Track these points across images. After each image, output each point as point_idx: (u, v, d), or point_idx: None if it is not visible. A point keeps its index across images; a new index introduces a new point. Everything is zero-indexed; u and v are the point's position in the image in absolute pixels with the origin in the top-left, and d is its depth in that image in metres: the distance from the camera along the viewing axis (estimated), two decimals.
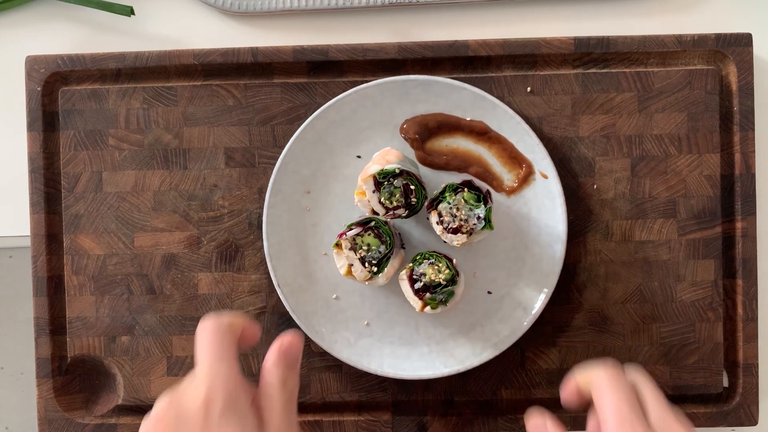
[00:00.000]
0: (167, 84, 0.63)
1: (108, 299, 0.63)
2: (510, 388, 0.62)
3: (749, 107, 0.61)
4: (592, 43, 0.61)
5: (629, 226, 0.62)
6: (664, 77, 0.61)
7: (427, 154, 0.61)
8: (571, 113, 0.62)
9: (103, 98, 0.63)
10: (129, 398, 0.63)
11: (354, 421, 0.62)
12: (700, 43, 0.61)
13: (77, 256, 0.63)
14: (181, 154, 0.63)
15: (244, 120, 0.62)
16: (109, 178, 0.63)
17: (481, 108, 0.60)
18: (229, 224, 0.63)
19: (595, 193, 0.62)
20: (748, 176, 0.61)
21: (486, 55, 0.61)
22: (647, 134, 0.61)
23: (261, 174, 0.62)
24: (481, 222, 0.56)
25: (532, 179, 0.60)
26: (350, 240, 0.57)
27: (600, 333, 0.62)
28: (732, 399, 0.62)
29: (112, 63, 0.62)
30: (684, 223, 0.61)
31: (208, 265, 0.63)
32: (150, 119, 0.63)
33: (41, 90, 0.62)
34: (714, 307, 0.61)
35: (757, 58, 0.62)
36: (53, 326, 0.63)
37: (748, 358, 0.61)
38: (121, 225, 0.63)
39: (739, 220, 0.61)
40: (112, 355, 0.63)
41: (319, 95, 0.62)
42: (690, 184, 0.61)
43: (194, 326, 0.62)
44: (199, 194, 0.63)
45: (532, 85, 0.61)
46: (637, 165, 0.62)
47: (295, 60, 0.62)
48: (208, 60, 0.62)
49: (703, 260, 0.61)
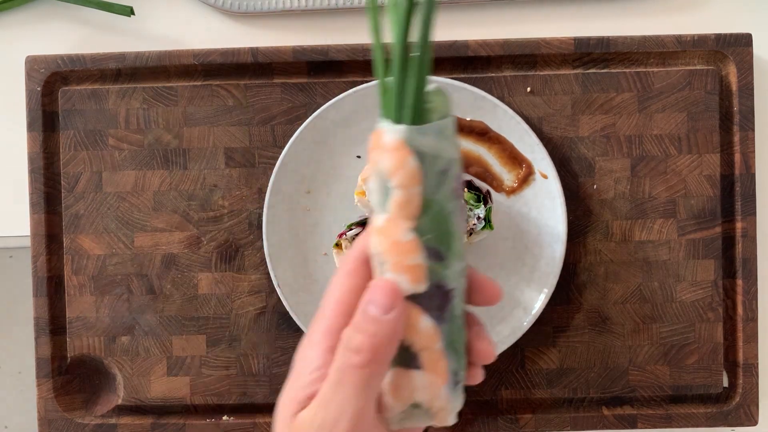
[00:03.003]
0: (167, 84, 0.63)
1: (108, 299, 0.63)
2: (510, 388, 0.62)
3: (749, 107, 0.61)
4: (592, 43, 0.61)
5: (629, 226, 0.62)
6: (664, 77, 0.61)
7: None
8: (571, 113, 0.62)
9: (103, 98, 0.63)
10: (129, 398, 0.63)
11: None
12: (700, 44, 0.61)
13: (77, 256, 0.63)
14: (181, 154, 0.63)
15: (244, 120, 0.62)
16: (109, 178, 0.63)
17: (481, 108, 0.60)
18: (229, 224, 0.63)
19: (595, 193, 0.62)
20: (748, 176, 0.61)
21: (486, 55, 0.61)
22: (647, 134, 0.61)
23: (261, 174, 0.62)
24: (481, 222, 0.56)
25: (532, 179, 0.60)
26: (350, 240, 0.57)
27: (600, 333, 0.62)
28: (732, 399, 0.62)
29: (112, 63, 0.62)
30: (684, 223, 0.61)
31: (208, 265, 0.63)
32: (150, 119, 0.63)
33: (41, 90, 0.62)
34: (714, 307, 0.61)
35: (757, 58, 0.62)
36: (53, 326, 0.63)
37: (748, 358, 0.61)
38: (121, 225, 0.63)
39: (739, 220, 0.61)
40: (112, 355, 0.63)
41: (319, 95, 0.62)
42: (690, 184, 0.61)
43: (194, 326, 0.63)
44: (199, 194, 0.63)
45: (532, 85, 0.61)
46: (637, 165, 0.62)
47: (295, 60, 0.62)
48: (208, 60, 0.62)
49: (703, 260, 0.61)
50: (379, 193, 0.38)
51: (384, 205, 0.37)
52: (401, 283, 0.37)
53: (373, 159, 0.38)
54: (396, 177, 0.37)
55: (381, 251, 0.37)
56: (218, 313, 0.62)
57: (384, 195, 0.37)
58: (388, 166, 0.37)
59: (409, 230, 0.37)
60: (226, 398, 0.63)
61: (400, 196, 0.37)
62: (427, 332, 0.37)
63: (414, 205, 0.37)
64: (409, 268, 0.37)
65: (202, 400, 0.63)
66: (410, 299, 0.37)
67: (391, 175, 0.37)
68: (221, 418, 0.63)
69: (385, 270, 0.37)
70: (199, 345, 0.63)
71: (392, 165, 0.37)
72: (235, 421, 0.63)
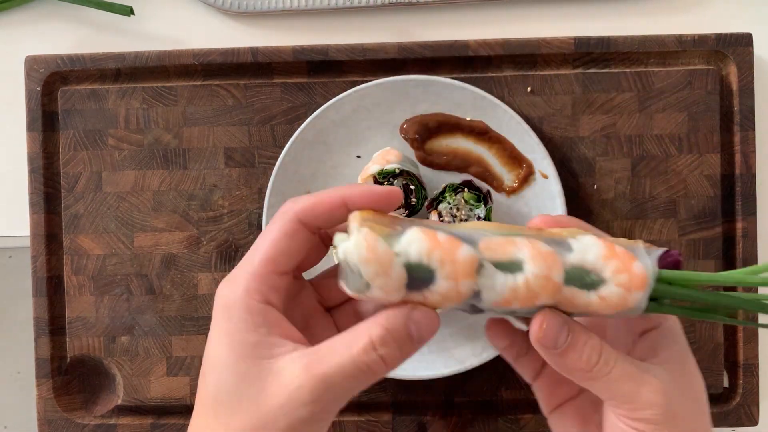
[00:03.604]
0: (167, 84, 0.63)
1: (108, 299, 0.63)
2: (510, 388, 0.62)
3: (749, 107, 0.61)
4: (592, 43, 0.61)
5: (629, 226, 0.62)
6: (664, 77, 0.61)
7: (427, 154, 0.61)
8: (571, 113, 0.61)
9: (103, 98, 0.63)
10: (129, 398, 0.63)
11: (354, 422, 0.62)
12: (701, 43, 0.61)
13: (77, 256, 0.63)
14: (180, 154, 0.63)
15: (243, 120, 0.62)
16: (108, 178, 0.63)
17: (481, 108, 0.60)
18: (228, 224, 0.63)
19: (596, 193, 0.62)
20: (748, 176, 0.61)
21: (486, 55, 0.61)
22: (647, 134, 0.61)
23: (261, 174, 0.62)
24: None
25: (533, 179, 0.60)
26: None
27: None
28: (732, 399, 0.62)
29: (112, 63, 0.62)
30: (684, 224, 0.61)
31: (208, 265, 0.63)
32: (150, 119, 0.63)
33: (41, 90, 0.62)
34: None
35: (757, 58, 0.62)
36: (53, 326, 0.63)
37: (748, 358, 0.61)
38: (120, 225, 0.63)
39: (739, 221, 0.61)
40: (111, 355, 0.63)
41: (319, 95, 0.62)
42: (690, 184, 0.61)
43: (194, 326, 0.63)
44: (198, 194, 0.63)
45: (532, 85, 0.61)
46: (638, 165, 0.61)
47: (295, 60, 0.62)
48: (208, 60, 0.62)
49: (704, 260, 0.61)
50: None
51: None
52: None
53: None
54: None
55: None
56: None
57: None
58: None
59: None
60: None
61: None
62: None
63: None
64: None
65: None
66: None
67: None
68: None
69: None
70: (199, 345, 0.63)
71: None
72: None
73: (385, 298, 0.37)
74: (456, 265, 0.37)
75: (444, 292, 0.37)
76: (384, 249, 0.36)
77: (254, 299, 0.37)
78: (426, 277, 0.37)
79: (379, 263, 0.36)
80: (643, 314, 0.40)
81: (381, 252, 0.36)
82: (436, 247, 0.37)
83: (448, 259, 0.37)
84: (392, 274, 0.36)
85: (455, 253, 0.37)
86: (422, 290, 0.37)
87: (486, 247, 0.38)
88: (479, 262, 0.38)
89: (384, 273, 0.36)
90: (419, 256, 0.37)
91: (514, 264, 0.38)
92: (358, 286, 0.37)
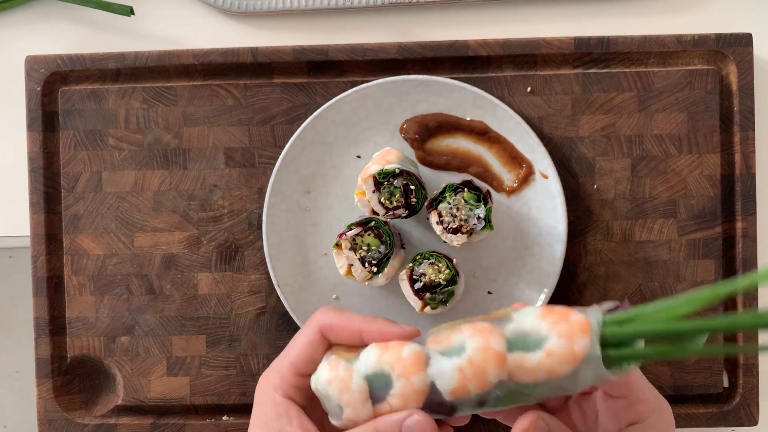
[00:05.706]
0: (167, 84, 0.63)
1: (108, 299, 0.63)
2: None
3: (749, 107, 0.61)
4: (592, 43, 0.61)
5: (629, 226, 0.62)
6: (664, 77, 0.61)
7: (427, 154, 0.61)
8: (571, 113, 0.61)
9: (103, 98, 0.63)
10: (129, 398, 0.63)
11: None
12: (700, 43, 0.61)
13: (77, 256, 0.63)
14: (180, 154, 0.63)
15: (243, 120, 0.62)
16: (108, 178, 0.63)
17: (481, 108, 0.60)
18: (228, 224, 0.63)
19: (596, 193, 0.62)
20: (748, 176, 0.61)
21: (486, 55, 0.61)
22: (647, 134, 0.61)
23: (261, 174, 0.62)
24: (481, 222, 0.56)
25: (532, 179, 0.60)
26: (350, 240, 0.57)
27: None
28: (732, 399, 0.62)
29: (112, 63, 0.62)
30: (684, 223, 0.61)
31: (208, 265, 0.63)
32: (150, 119, 0.63)
33: (41, 90, 0.62)
34: (714, 307, 0.61)
35: (757, 58, 0.62)
36: (53, 326, 0.63)
37: (748, 358, 0.61)
38: (120, 225, 0.63)
39: (739, 220, 0.61)
40: (111, 355, 0.63)
41: (319, 95, 0.62)
42: (690, 184, 0.61)
43: (194, 326, 0.63)
44: (198, 194, 0.63)
45: (532, 85, 0.61)
46: (638, 165, 0.61)
47: (295, 60, 0.62)
48: (208, 60, 0.62)
49: (704, 260, 0.61)
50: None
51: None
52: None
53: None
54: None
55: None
56: (218, 313, 0.62)
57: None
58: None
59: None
60: (226, 398, 0.63)
61: None
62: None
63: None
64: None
65: (201, 400, 0.63)
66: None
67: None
68: (221, 418, 0.63)
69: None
70: (198, 345, 0.63)
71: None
72: (234, 421, 0.63)
73: (355, 415, 0.41)
74: (404, 362, 0.40)
75: (401, 392, 0.40)
76: (344, 367, 0.41)
77: (278, 394, 0.44)
78: (385, 384, 0.40)
79: (340, 380, 0.41)
80: (614, 370, 0.39)
81: (341, 370, 0.41)
82: (385, 351, 0.41)
83: (395, 359, 0.40)
84: (353, 387, 0.40)
85: (401, 352, 0.41)
86: (386, 399, 0.40)
87: (433, 341, 0.41)
88: (426, 355, 0.41)
89: (346, 388, 0.40)
90: (373, 364, 0.41)
91: (459, 347, 0.40)
92: (334, 410, 0.41)
